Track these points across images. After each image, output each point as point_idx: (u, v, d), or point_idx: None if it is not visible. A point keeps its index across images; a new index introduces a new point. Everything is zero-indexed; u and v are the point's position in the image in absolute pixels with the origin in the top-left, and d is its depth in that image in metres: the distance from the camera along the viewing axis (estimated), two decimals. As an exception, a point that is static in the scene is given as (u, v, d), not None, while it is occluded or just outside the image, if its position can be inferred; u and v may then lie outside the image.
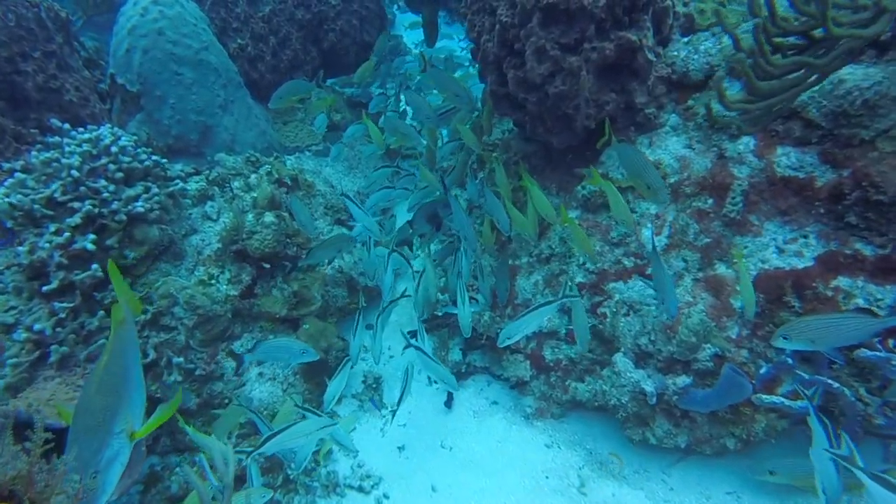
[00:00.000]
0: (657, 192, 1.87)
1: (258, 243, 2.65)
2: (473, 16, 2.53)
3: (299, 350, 2.31)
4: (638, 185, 1.94)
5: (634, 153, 1.96)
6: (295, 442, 2.04)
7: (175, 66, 2.95)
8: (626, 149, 2.00)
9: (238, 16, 3.50)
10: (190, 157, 3.10)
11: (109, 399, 1.22)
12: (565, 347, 2.57)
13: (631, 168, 1.95)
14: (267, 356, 2.34)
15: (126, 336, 1.30)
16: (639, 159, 1.93)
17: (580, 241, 2.10)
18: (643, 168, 1.91)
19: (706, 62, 2.33)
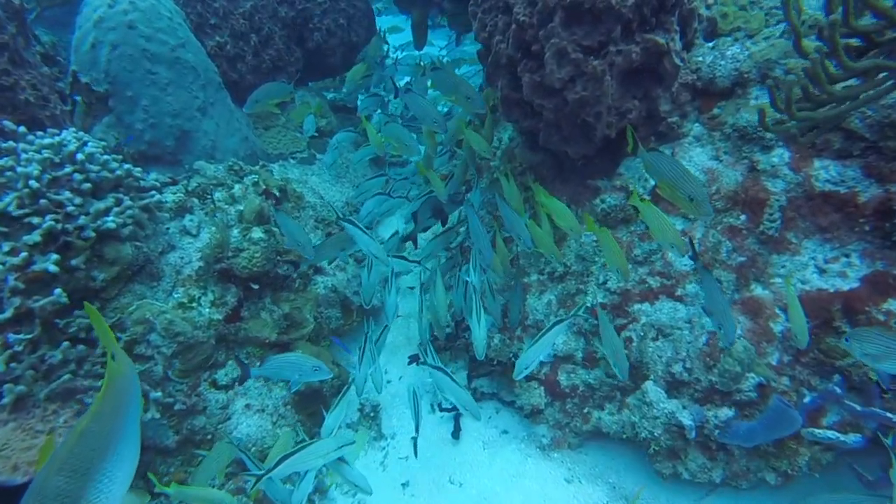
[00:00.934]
0: (701, 205, 1.69)
1: (246, 262, 2.39)
2: (484, 14, 2.33)
3: (311, 367, 2.06)
4: (676, 197, 1.75)
5: (670, 162, 1.77)
6: (311, 464, 1.83)
7: (148, 65, 2.66)
8: (658, 157, 1.81)
9: (216, 11, 3.23)
10: (165, 164, 2.81)
11: (72, 484, 0.93)
12: (582, 372, 2.39)
13: (667, 179, 1.76)
14: (275, 373, 2.09)
15: (117, 396, 1.04)
16: (676, 168, 1.74)
17: (613, 255, 1.90)
18: (682, 178, 1.72)
19: (734, 68, 2.20)
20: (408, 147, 2.49)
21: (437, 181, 2.56)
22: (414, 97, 2.47)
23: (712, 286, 1.64)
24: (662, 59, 2.14)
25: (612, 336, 1.88)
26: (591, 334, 2.38)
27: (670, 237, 1.64)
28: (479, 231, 2.27)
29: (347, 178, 3.68)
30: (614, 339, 1.87)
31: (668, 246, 1.65)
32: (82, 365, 2.13)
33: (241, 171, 2.77)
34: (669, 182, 1.75)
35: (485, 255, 2.25)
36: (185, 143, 2.81)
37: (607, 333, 1.89)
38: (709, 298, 1.65)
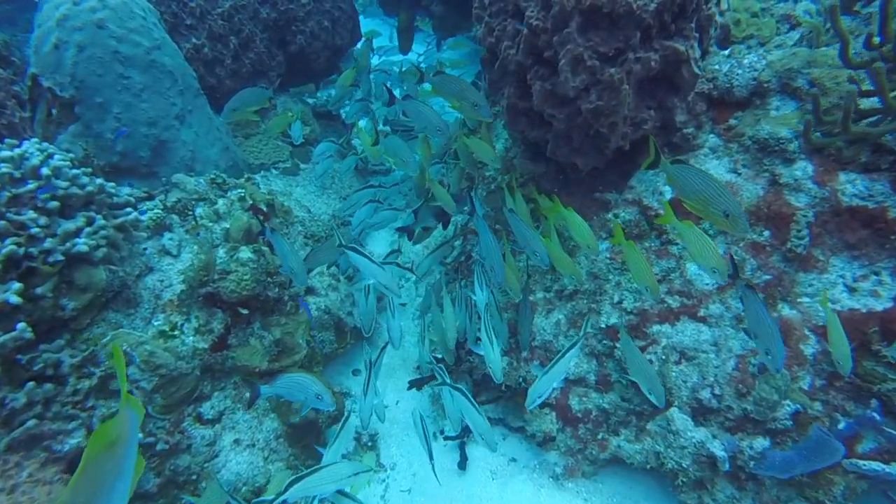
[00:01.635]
0: (738, 221, 1.56)
1: (234, 285, 2.19)
2: (492, 18, 2.19)
3: (314, 394, 1.88)
4: (708, 213, 1.63)
5: (699, 175, 1.64)
6: (323, 489, 1.67)
7: (120, 68, 2.43)
8: (685, 171, 1.68)
9: (192, 11, 3.00)
10: (140, 177, 2.58)
11: None
12: (595, 396, 2.27)
13: (697, 193, 1.64)
14: (286, 392, 1.93)
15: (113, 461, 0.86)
16: (707, 182, 1.62)
17: (641, 272, 1.76)
18: (715, 192, 1.59)
19: (752, 78, 2.11)
20: (407, 164, 2.32)
21: (443, 194, 2.41)
22: (414, 104, 2.31)
23: (758, 307, 1.52)
24: (681, 67, 2.04)
25: (641, 359, 1.75)
26: (604, 356, 2.26)
27: (713, 261, 1.52)
28: (491, 245, 2.10)
29: (333, 190, 3.49)
30: (643, 363, 1.74)
31: (710, 271, 1.52)
32: (50, 406, 1.90)
33: (225, 184, 2.56)
34: (700, 197, 1.63)
35: (497, 272, 2.09)
36: (162, 154, 2.59)
37: (634, 357, 1.76)
38: (753, 320, 1.53)
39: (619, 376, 2.20)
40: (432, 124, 2.28)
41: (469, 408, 1.97)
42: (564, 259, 2.00)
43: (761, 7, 2.32)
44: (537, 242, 2.01)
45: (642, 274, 1.76)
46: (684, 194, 1.67)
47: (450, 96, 2.22)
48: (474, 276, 2.37)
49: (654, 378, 1.69)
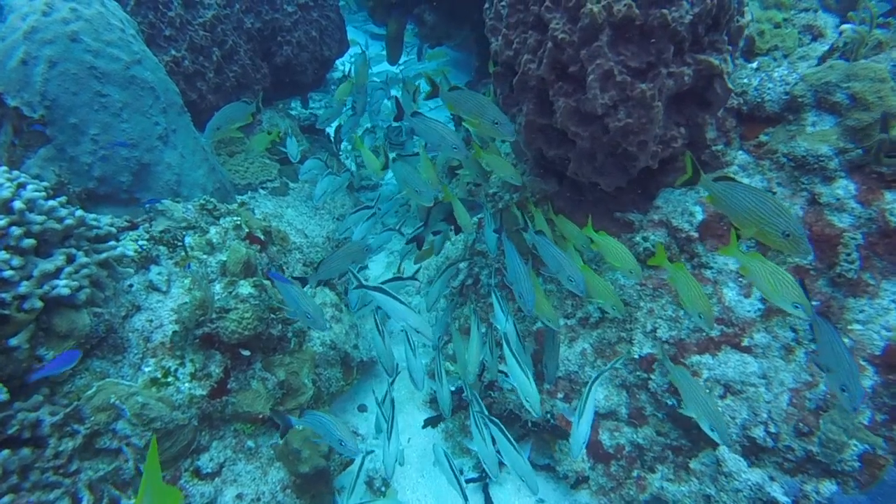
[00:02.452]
0: (799, 242, 1.43)
1: (235, 325, 1.97)
2: (510, 30, 2.04)
3: (337, 440, 1.70)
4: (765, 234, 1.50)
5: (751, 192, 1.50)
6: None
7: (97, 85, 2.19)
8: (735, 188, 1.53)
9: (171, 21, 2.77)
10: (119, 204, 2.33)
11: None
12: (628, 430, 2.14)
13: (750, 212, 1.49)
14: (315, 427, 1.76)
15: None
16: (762, 199, 1.48)
17: (693, 297, 1.62)
18: (773, 210, 1.45)
19: (784, 92, 2.02)
20: (421, 194, 2.14)
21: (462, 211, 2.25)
22: (424, 120, 2.14)
23: (833, 338, 1.39)
24: (713, 82, 1.94)
25: (699, 391, 1.60)
26: (635, 388, 2.13)
27: (793, 294, 1.38)
28: (519, 269, 1.93)
29: (326, 209, 3.28)
30: (702, 396, 1.59)
31: (791, 307, 1.39)
32: (27, 475, 1.65)
33: (216, 210, 2.34)
34: (753, 216, 1.50)
35: (527, 299, 1.93)
36: (144, 179, 2.35)
37: (692, 389, 1.61)
38: (827, 352, 1.40)
39: (655, 409, 2.07)
40: (447, 141, 2.11)
41: (507, 445, 1.81)
42: (604, 286, 1.86)
43: (783, 17, 2.24)
44: (573, 268, 1.86)
45: (694, 298, 1.63)
46: (734, 214, 1.54)
47: (467, 113, 2.06)
48: (495, 303, 2.22)
49: (717, 413, 1.55)
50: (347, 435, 1.71)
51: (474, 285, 2.86)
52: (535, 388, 1.90)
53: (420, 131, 2.18)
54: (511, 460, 1.81)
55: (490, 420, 1.88)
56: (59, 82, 2.14)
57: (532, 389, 1.90)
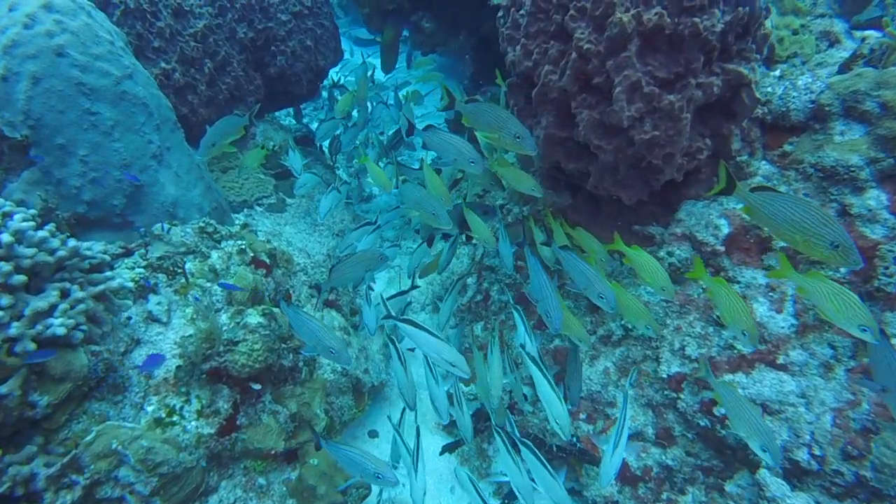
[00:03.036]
0: (849, 252, 1.36)
1: (245, 358, 1.85)
2: (529, 40, 1.96)
3: (373, 473, 1.58)
4: (811, 246, 1.42)
5: (795, 202, 1.41)
6: None
7: (86, 102, 2.04)
8: (776, 199, 1.44)
9: (160, 31, 2.62)
10: (112, 229, 2.18)
11: None
12: (655, 451, 2.06)
13: (794, 224, 1.41)
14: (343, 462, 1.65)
15: None
16: (807, 210, 1.40)
17: (734, 313, 1.54)
18: (820, 221, 1.38)
19: (810, 100, 1.97)
20: (438, 217, 2.03)
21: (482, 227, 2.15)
22: (439, 134, 2.04)
23: (890, 356, 1.33)
24: (740, 91, 1.87)
25: (747, 408, 1.51)
26: (662, 407, 2.06)
27: (860, 317, 1.31)
28: (545, 285, 1.83)
29: (325, 225, 3.16)
30: (752, 414, 1.50)
31: (859, 331, 1.32)
32: (24, 535, 1.51)
33: (216, 233, 2.21)
34: (798, 227, 1.42)
35: (554, 318, 1.83)
36: (139, 201, 2.20)
37: (740, 406, 1.53)
38: (884, 371, 1.34)
39: (685, 429, 2.00)
40: (464, 156, 2.01)
41: (542, 470, 1.71)
42: (636, 304, 1.78)
43: (800, 24, 2.19)
44: (603, 284, 1.77)
45: (737, 314, 1.55)
46: (775, 226, 1.46)
47: (486, 127, 1.97)
48: (518, 321, 2.12)
49: (768, 432, 1.47)
50: (383, 466, 1.60)
51: (484, 302, 2.77)
52: (566, 409, 1.81)
53: (433, 146, 2.07)
54: (546, 486, 1.71)
55: (523, 443, 1.78)
56: (44, 100, 1.99)
57: (563, 411, 1.81)
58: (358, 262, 2.09)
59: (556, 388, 1.83)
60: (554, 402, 1.81)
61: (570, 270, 1.87)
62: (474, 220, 2.17)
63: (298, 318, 1.62)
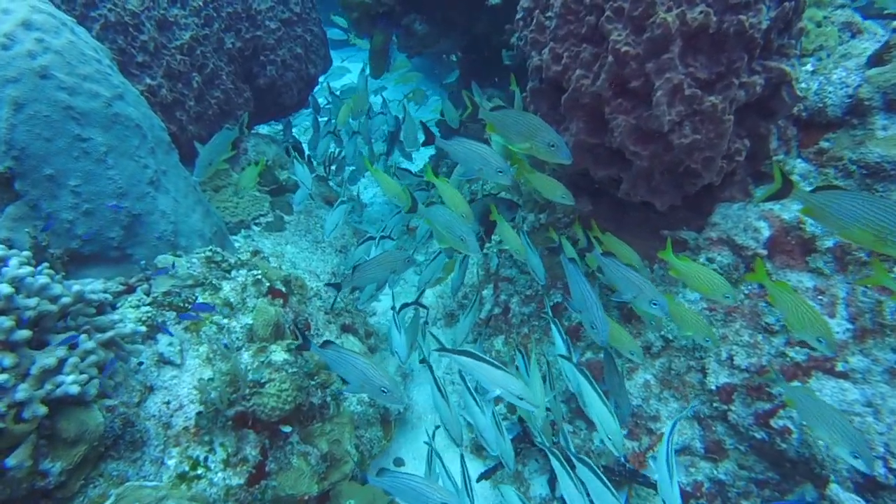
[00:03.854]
0: None
1: (275, 400, 1.69)
2: (558, 44, 1.85)
3: (439, 503, 1.45)
4: (888, 245, 1.35)
5: (867, 201, 1.30)
6: None
7: (76, 128, 1.85)
8: (843, 197, 1.36)
9: (144, 45, 2.43)
10: (108, 263, 1.99)
11: None
12: (705, 466, 1.99)
13: (866, 223, 1.33)
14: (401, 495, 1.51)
15: None
16: (884, 208, 1.32)
17: (803, 315, 1.46)
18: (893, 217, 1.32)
19: (846, 95, 1.91)
20: (466, 243, 1.91)
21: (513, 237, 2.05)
22: (462, 142, 1.92)
23: None
24: (780, 89, 1.81)
25: (830, 412, 1.43)
26: (710, 419, 1.99)
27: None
28: (589, 296, 1.72)
29: (327, 242, 3.00)
30: (836, 417, 1.42)
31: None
32: None
33: (224, 262, 2.04)
34: (872, 225, 1.34)
35: (600, 329, 1.72)
36: (137, 232, 2.02)
37: (820, 410, 1.44)
38: None
39: (736, 442, 1.93)
40: (491, 165, 1.89)
41: (604, 491, 1.60)
42: (691, 315, 1.69)
43: (823, 16, 2.14)
44: (654, 291, 1.67)
45: (807, 319, 1.46)
46: (842, 226, 1.38)
47: (516, 135, 1.85)
48: (556, 334, 2.02)
49: (857, 436, 1.39)
50: (449, 496, 1.46)
51: (504, 315, 2.66)
52: (618, 424, 1.72)
53: (456, 155, 1.95)
54: None
55: (581, 461, 1.66)
56: (28, 127, 1.79)
57: (616, 426, 1.72)
58: (384, 263, 2.00)
59: (607, 402, 1.74)
60: (606, 418, 1.72)
61: (615, 279, 1.77)
62: (506, 229, 2.05)
63: (341, 357, 1.48)
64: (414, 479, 1.51)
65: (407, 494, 1.52)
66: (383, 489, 1.60)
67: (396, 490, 1.54)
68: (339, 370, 1.52)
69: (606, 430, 1.72)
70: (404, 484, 1.52)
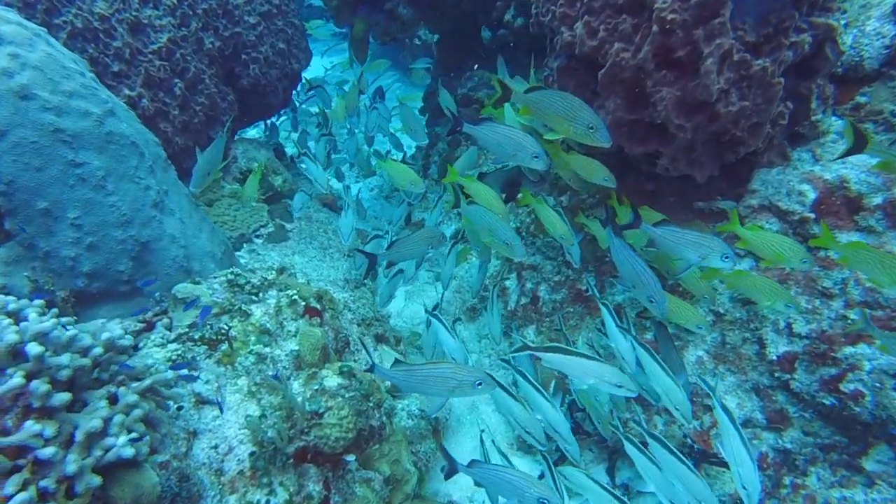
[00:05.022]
0: None
1: (338, 430, 1.56)
2: (593, 17, 1.74)
3: (537, 499, 1.35)
4: None
5: None
6: None
7: (68, 152, 1.63)
8: None
9: (119, 53, 2.19)
10: (118, 300, 1.80)
11: None
12: (768, 436, 1.96)
13: None
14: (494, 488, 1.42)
15: None
16: None
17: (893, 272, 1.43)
18: None
19: (883, 46, 1.88)
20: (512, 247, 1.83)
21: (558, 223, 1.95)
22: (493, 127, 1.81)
23: None
24: (824, 45, 1.75)
25: None
26: (769, 389, 1.96)
27: None
28: (641, 269, 1.65)
29: (333, 248, 2.84)
30: None
31: None
32: None
33: (248, 283, 1.87)
34: None
35: (659, 302, 1.65)
36: (147, 261, 1.83)
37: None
38: None
39: (800, 410, 1.91)
40: (526, 150, 1.79)
41: (685, 470, 1.54)
42: (767, 283, 1.63)
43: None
44: (725, 246, 1.59)
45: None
46: None
47: (553, 117, 1.75)
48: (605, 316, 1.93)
49: None
50: (548, 491, 1.37)
51: (533, 304, 2.57)
52: (685, 395, 1.67)
53: (485, 140, 1.84)
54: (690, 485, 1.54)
55: (655, 438, 1.59)
56: (14, 157, 1.57)
57: (683, 397, 1.66)
58: (421, 240, 1.98)
59: (671, 374, 1.68)
60: (673, 389, 1.66)
61: (676, 244, 1.69)
62: (548, 214, 1.95)
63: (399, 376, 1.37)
64: (509, 472, 1.42)
65: (501, 487, 1.43)
66: (475, 480, 1.50)
67: (490, 482, 1.45)
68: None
69: (673, 401, 1.67)
70: (499, 476, 1.43)
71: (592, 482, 1.76)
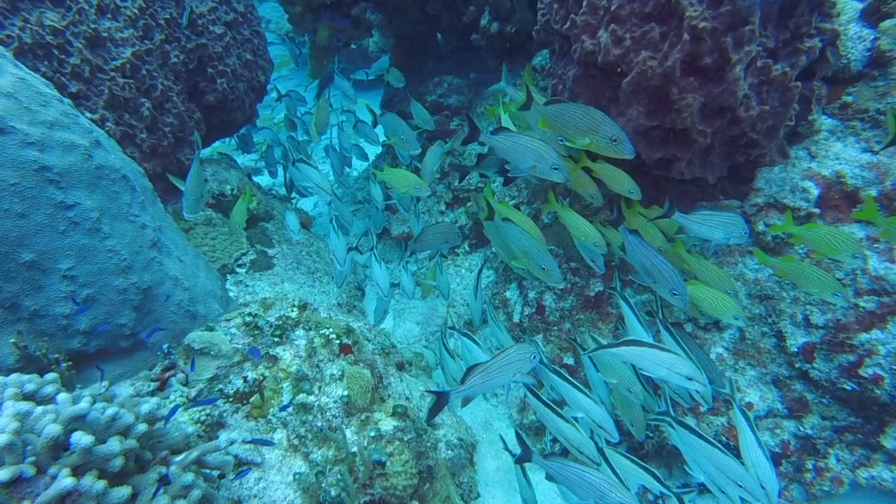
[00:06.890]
0: None
1: (404, 479, 1.43)
2: (619, 25, 1.71)
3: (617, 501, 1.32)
4: None
5: None
6: None
7: (56, 193, 1.39)
8: None
9: (76, 71, 1.91)
10: (120, 356, 1.56)
11: None
12: (789, 424, 2.05)
13: None
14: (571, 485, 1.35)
15: None
16: None
17: None
18: None
19: (866, 48, 2.00)
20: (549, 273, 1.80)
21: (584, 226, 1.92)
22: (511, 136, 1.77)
23: None
24: (825, 49, 1.83)
25: None
26: (788, 380, 2.04)
27: None
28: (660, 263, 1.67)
29: (321, 271, 2.67)
30: None
31: None
32: None
33: (267, 324, 1.69)
34: None
35: (681, 294, 1.69)
36: (151, 310, 1.60)
37: None
38: None
39: (818, 396, 2.00)
40: (546, 161, 1.76)
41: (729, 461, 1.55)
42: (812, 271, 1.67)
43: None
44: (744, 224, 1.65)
45: None
46: None
47: (574, 130, 1.72)
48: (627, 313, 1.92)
49: None
50: (630, 497, 1.33)
51: (539, 314, 2.53)
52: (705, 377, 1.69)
53: (504, 150, 1.79)
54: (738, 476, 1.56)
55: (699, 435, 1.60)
56: (-8, 203, 1.31)
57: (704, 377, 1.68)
58: (438, 233, 2.21)
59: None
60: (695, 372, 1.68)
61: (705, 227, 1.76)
62: (576, 220, 1.91)
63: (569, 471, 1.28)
64: (589, 472, 1.35)
65: (578, 486, 1.37)
66: (549, 474, 1.43)
67: (566, 479, 1.38)
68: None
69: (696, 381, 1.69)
70: (577, 475, 1.36)
71: None
